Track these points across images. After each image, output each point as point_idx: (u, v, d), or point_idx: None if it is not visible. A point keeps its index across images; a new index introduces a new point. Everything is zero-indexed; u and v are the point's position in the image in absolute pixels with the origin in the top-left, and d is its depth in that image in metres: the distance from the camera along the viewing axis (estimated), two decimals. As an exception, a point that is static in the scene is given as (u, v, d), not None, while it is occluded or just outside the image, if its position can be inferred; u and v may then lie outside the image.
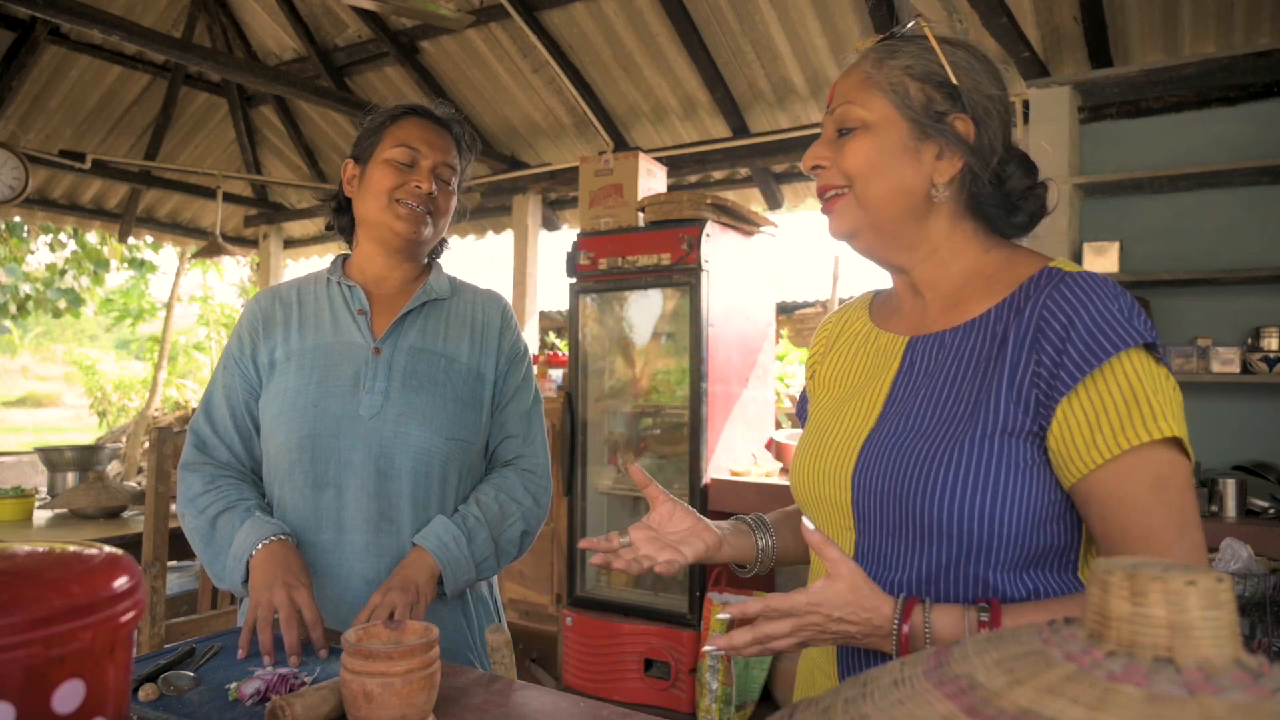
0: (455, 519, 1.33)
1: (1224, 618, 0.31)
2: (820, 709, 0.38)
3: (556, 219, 5.31)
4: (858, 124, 0.91)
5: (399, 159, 1.36)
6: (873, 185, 0.90)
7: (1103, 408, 0.79)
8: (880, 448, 0.90)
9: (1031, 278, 0.87)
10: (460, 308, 1.46)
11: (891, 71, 0.91)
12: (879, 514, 0.89)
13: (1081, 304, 0.81)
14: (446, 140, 1.41)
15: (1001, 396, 0.83)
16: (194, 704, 0.97)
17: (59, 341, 20.17)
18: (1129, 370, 0.79)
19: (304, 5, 4.84)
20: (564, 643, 3.37)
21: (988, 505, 0.82)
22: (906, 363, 0.94)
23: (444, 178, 1.40)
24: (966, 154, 0.89)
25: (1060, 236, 3.08)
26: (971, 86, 0.90)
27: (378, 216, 1.36)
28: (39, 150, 4.95)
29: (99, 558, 0.54)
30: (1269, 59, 2.82)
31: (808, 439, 1.01)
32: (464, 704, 0.99)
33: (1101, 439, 0.78)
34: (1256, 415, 2.96)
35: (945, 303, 0.94)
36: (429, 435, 1.33)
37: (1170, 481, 0.78)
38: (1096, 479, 0.79)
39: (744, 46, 3.97)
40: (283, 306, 1.42)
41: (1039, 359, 0.81)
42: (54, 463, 3.18)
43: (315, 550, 1.30)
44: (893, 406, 0.92)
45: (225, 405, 1.38)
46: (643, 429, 3.56)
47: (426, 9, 3.26)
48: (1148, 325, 0.80)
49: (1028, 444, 0.82)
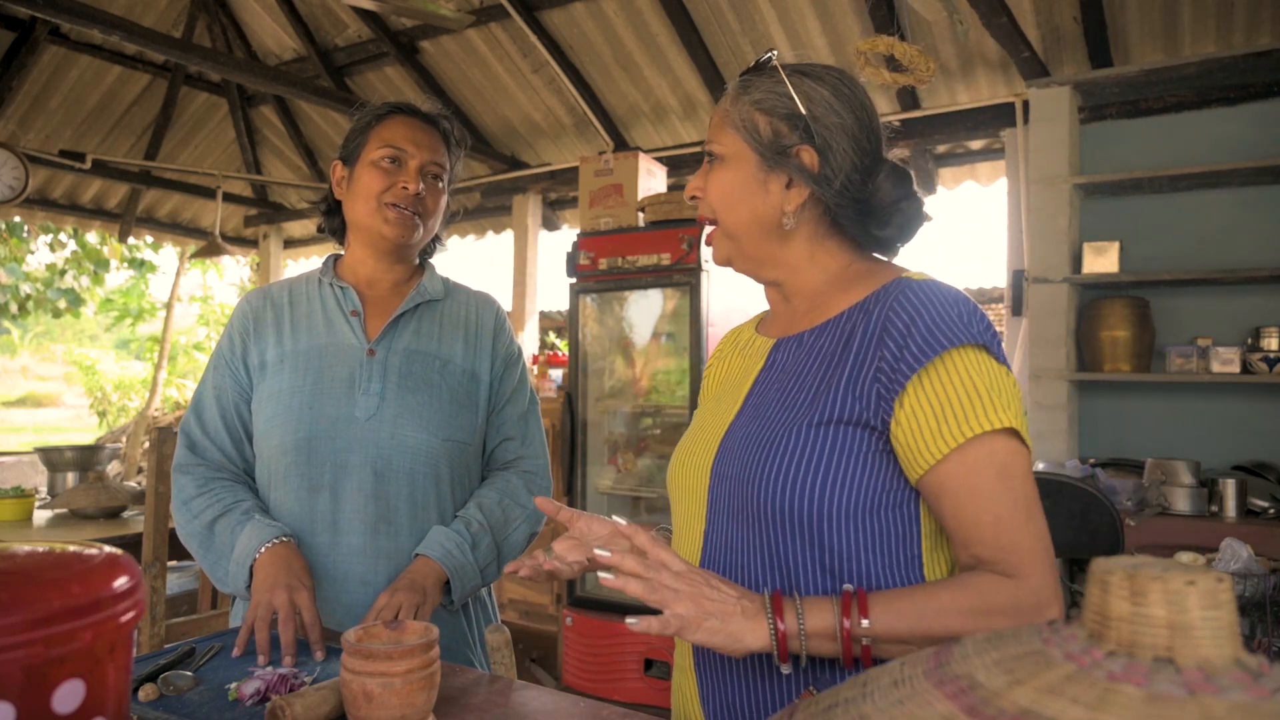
0: (458, 526, 1.32)
1: (1224, 618, 0.31)
2: (821, 709, 0.38)
3: (556, 219, 5.31)
4: (718, 157, 1.00)
5: (385, 160, 1.34)
6: (729, 216, 0.99)
7: (945, 400, 0.83)
8: (732, 439, 0.96)
9: (885, 285, 0.93)
10: (454, 309, 1.45)
11: (743, 107, 0.98)
12: (726, 500, 0.94)
13: (924, 305, 0.87)
14: (433, 138, 1.38)
15: (841, 388, 0.89)
16: (194, 704, 0.97)
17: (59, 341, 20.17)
18: (968, 365, 0.84)
19: (304, 5, 4.84)
20: (564, 643, 3.37)
21: (817, 487, 0.87)
22: (769, 362, 1.01)
23: (433, 175, 1.38)
24: (810, 183, 0.95)
25: (1060, 236, 3.08)
26: (818, 115, 0.95)
27: (367, 220, 1.35)
28: (39, 150, 4.95)
29: (99, 558, 0.54)
30: (1269, 59, 2.83)
31: (684, 437, 1.08)
32: (464, 704, 0.99)
33: (947, 429, 0.83)
34: (1256, 415, 2.96)
35: (808, 304, 1.01)
36: (426, 436, 1.32)
37: (1013, 469, 0.83)
38: (945, 470, 0.83)
39: (744, 46, 3.97)
40: (274, 307, 1.40)
41: (882, 355, 0.87)
42: (54, 463, 3.18)
43: (311, 553, 1.30)
44: (750, 400, 0.99)
45: (215, 406, 1.37)
46: (643, 429, 3.56)
47: (426, 9, 3.26)
48: (987, 328, 0.86)
49: (863, 433, 0.87)
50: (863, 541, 0.87)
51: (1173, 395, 3.08)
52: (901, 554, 0.88)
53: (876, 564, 0.87)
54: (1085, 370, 3.09)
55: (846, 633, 0.79)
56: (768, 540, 0.90)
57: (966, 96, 3.74)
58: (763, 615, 0.80)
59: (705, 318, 3.13)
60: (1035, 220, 3.15)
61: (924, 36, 3.50)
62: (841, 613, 0.80)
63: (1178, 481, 2.64)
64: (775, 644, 0.79)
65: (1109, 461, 3.01)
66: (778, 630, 0.79)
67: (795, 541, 0.88)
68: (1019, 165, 3.45)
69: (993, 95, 3.64)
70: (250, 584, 1.22)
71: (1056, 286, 3.10)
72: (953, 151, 4.05)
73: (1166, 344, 3.03)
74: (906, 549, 0.89)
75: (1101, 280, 3.04)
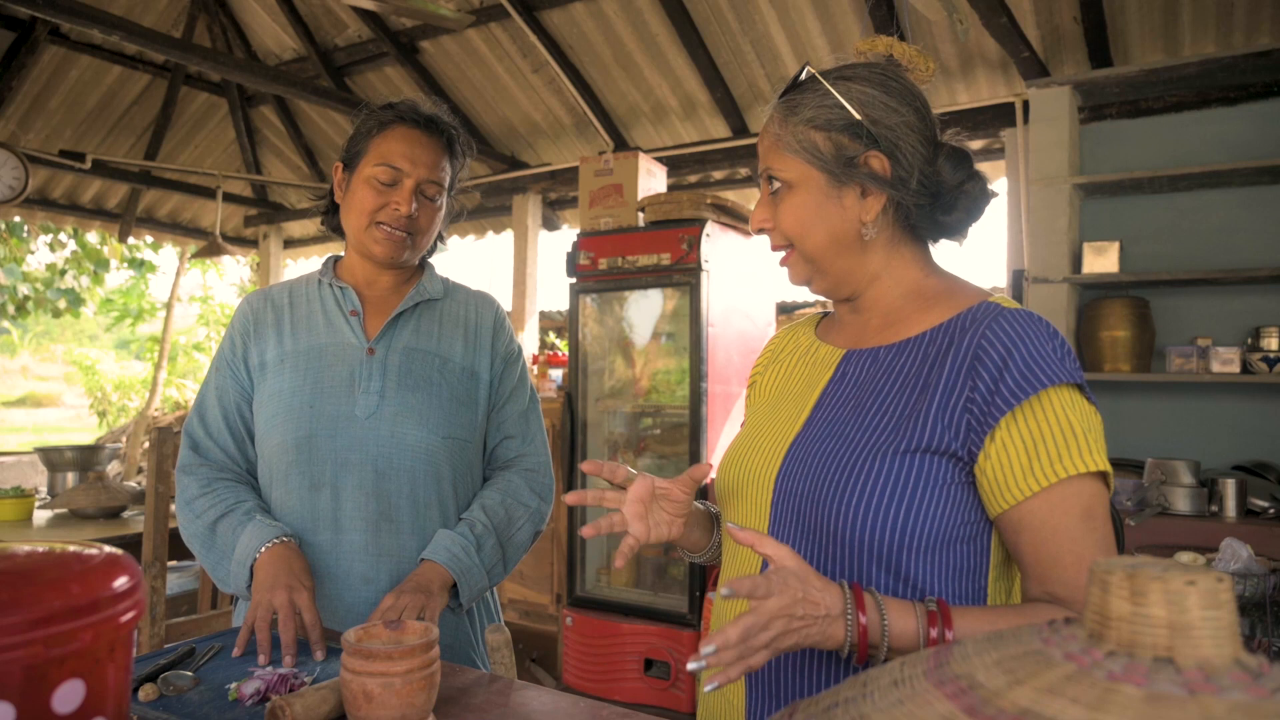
0: (462, 529, 1.32)
1: (1224, 618, 0.31)
2: (821, 708, 0.38)
3: (556, 219, 5.31)
4: (782, 184, 0.96)
5: (381, 179, 1.32)
6: (809, 240, 0.95)
7: (1039, 437, 0.82)
8: (803, 453, 0.93)
9: (972, 309, 0.91)
10: (453, 308, 1.45)
11: (796, 129, 0.95)
12: (795, 517, 0.91)
13: (1020, 338, 0.85)
14: (433, 151, 1.36)
15: (930, 416, 0.86)
16: (194, 704, 0.97)
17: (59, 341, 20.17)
18: (1064, 404, 0.84)
19: (304, 5, 4.84)
20: (564, 643, 3.37)
21: (900, 516, 0.84)
22: (839, 373, 0.98)
23: (428, 195, 1.36)
24: (887, 188, 0.93)
25: (1060, 236, 3.08)
26: (877, 118, 0.92)
27: (357, 236, 1.36)
28: (39, 150, 4.95)
29: (99, 558, 0.54)
30: (1269, 59, 2.82)
31: (739, 440, 1.04)
32: (464, 704, 0.99)
33: (1039, 467, 0.82)
34: (1256, 415, 2.96)
35: (883, 320, 0.98)
36: (426, 434, 1.33)
37: (1096, 512, 0.83)
38: (1030, 507, 0.83)
39: (744, 46, 3.97)
40: (274, 308, 1.41)
41: (974, 385, 0.85)
42: (54, 463, 3.18)
43: (313, 551, 1.30)
44: (820, 413, 0.96)
45: (218, 407, 1.38)
46: (643, 429, 3.56)
47: (426, 9, 3.26)
48: (1078, 367, 0.86)
49: (949, 464, 0.85)
50: (936, 572, 0.86)
51: (1173, 395, 3.08)
52: (971, 585, 0.88)
53: (946, 595, 0.87)
54: (1085, 370, 3.08)
55: (933, 642, 0.78)
56: (839, 563, 0.88)
57: (966, 96, 3.74)
58: (841, 624, 0.78)
59: (705, 318, 3.13)
60: (1035, 220, 3.15)
61: (924, 36, 3.50)
62: (929, 623, 0.79)
63: (1178, 481, 2.64)
64: (854, 640, 0.78)
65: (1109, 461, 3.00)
66: (859, 626, 0.78)
67: (870, 568, 0.86)
68: (1019, 165, 3.45)
69: (993, 95, 3.64)
70: (251, 584, 1.22)
71: (1056, 286, 3.10)
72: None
73: (1166, 344, 3.03)
74: (975, 580, 0.88)
75: (1101, 280, 3.04)
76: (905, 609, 0.80)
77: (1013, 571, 0.92)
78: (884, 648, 0.79)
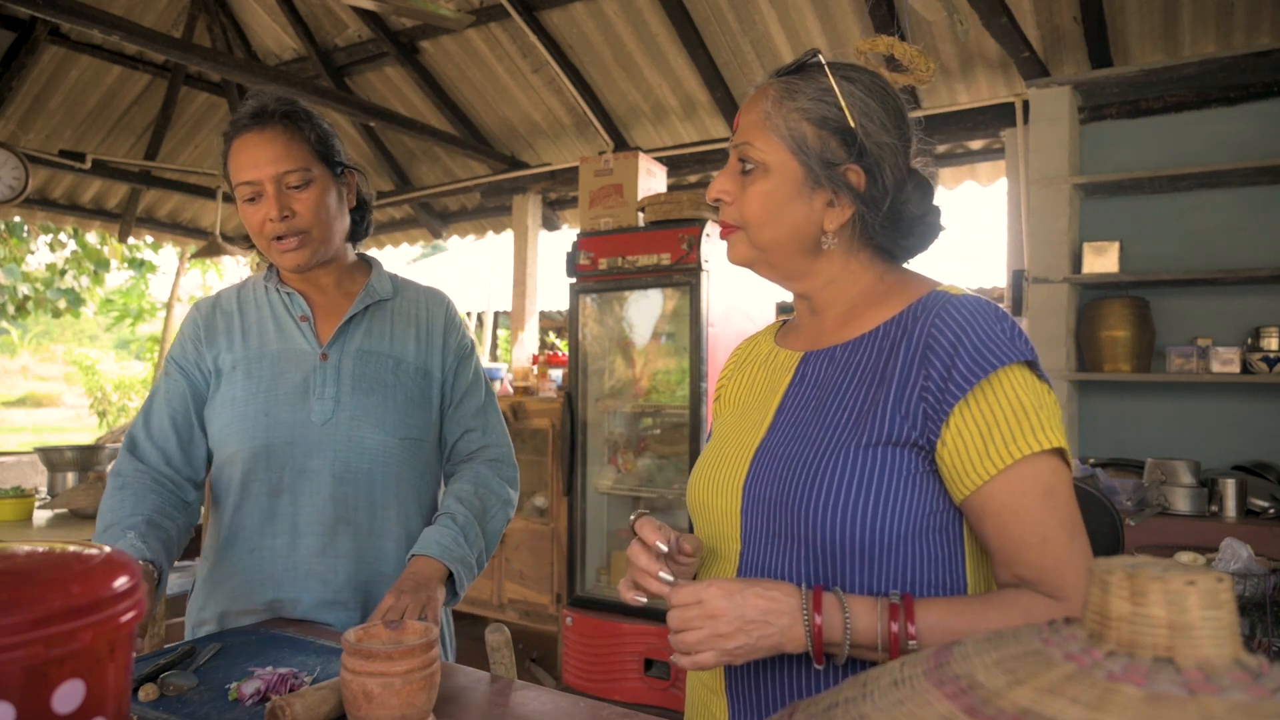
0: (445, 522, 1.32)
1: (1224, 618, 0.31)
2: (821, 708, 0.38)
3: (556, 219, 5.31)
4: (756, 164, 0.93)
5: (245, 197, 1.30)
6: (765, 229, 0.94)
7: (993, 419, 0.82)
8: (769, 458, 0.92)
9: (921, 299, 0.91)
10: (404, 307, 1.45)
11: (789, 114, 0.92)
12: (765, 523, 0.91)
13: (968, 323, 0.85)
14: (272, 141, 1.28)
15: (889, 408, 0.86)
16: (194, 704, 0.97)
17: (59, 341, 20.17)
18: (1015, 384, 0.83)
19: (304, 5, 4.84)
20: (564, 643, 3.37)
21: (869, 511, 0.84)
22: (799, 376, 0.98)
23: (292, 184, 1.29)
24: (857, 203, 0.92)
25: (1060, 236, 3.08)
26: (869, 131, 0.91)
27: (267, 254, 1.35)
28: (39, 150, 4.95)
29: (99, 558, 0.54)
30: (1269, 59, 2.82)
31: (707, 452, 1.04)
32: (464, 704, 0.99)
33: (994, 449, 0.82)
34: (1256, 415, 2.96)
35: (838, 320, 0.98)
36: (383, 437, 1.33)
37: (1057, 491, 0.82)
38: (990, 490, 0.82)
39: (744, 46, 3.97)
40: (223, 315, 1.40)
41: (928, 373, 0.85)
42: (54, 463, 3.18)
43: (270, 554, 1.30)
44: (782, 417, 0.95)
45: (166, 407, 1.36)
46: (643, 429, 3.56)
47: (426, 9, 3.26)
48: (1028, 345, 0.85)
49: (912, 454, 0.85)
50: (911, 563, 0.86)
51: (1173, 395, 3.08)
52: (949, 575, 0.87)
53: (925, 586, 0.86)
54: (1085, 370, 3.09)
55: (894, 637, 0.79)
56: (813, 564, 0.87)
57: (966, 96, 3.74)
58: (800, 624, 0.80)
59: (705, 318, 3.13)
60: (1035, 220, 3.15)
61: (924, 36, 3.50)
62: (889, 617, 0.80)
63: (1178, 481, 2.64)
64: (812, 648, 0.80)
65: (1109, 461, 3.01)
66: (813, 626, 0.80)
67: (844, 565, 0.86)
68: (1019, 165, 3.45)
69: (993, 95, 3.64)
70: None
71: (1056, 286, 3.10)
72: (953, 151, 4.05)
73: (1166, 344, 3.03)
74: (951, 570, 0.88)
75: (1101, 280, 3.04)
76: (867, 605, 0.81)
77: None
78: (845, 646, 0.80)
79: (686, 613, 0.81)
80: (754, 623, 0.79)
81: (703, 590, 0.81)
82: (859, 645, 0.80)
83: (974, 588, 0.89)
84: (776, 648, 0.81)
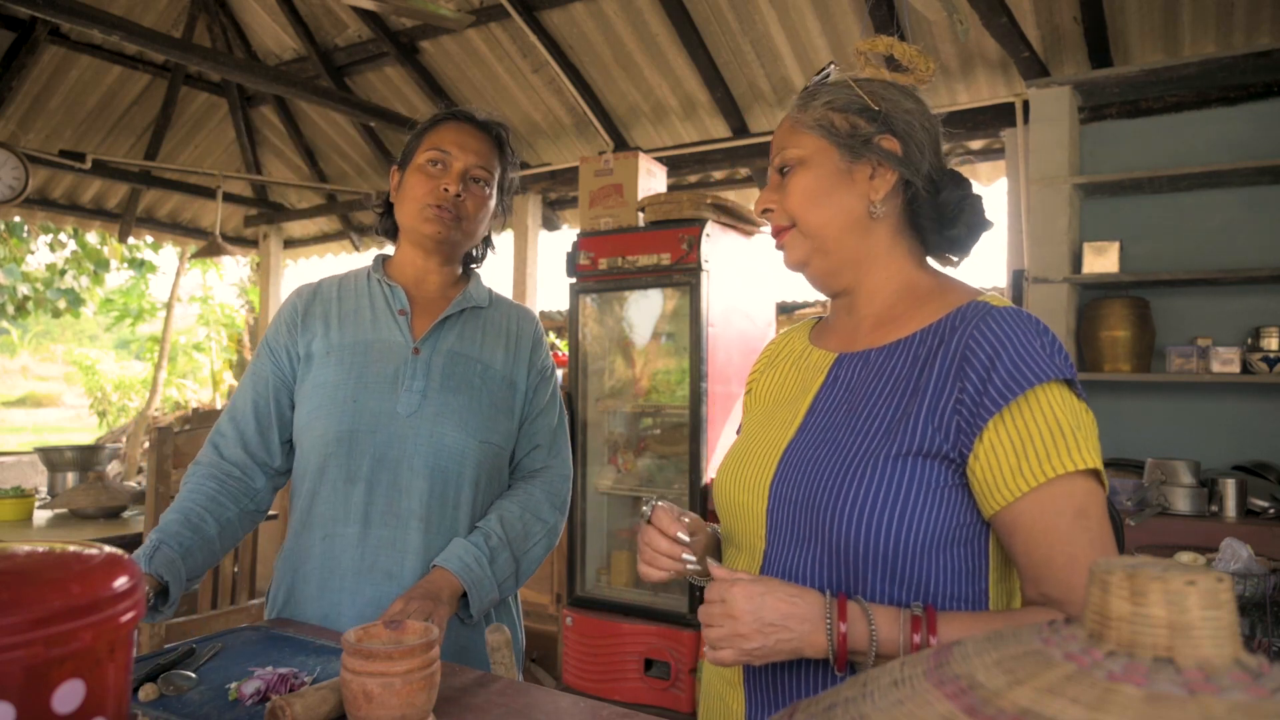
0: (476, 539, 1.32)
1: (1224, 618, 0.31)
2: (821, 708, 0.38)
3: (556, 219, 5.31)
4: (794, 162, 0.97)
5: (430, 164, 1.38)
6: (814, 215, 0.95)
7: (1028, 436, 0.81)
8: (797, 459, 0.93)
9: (960, 309, 0.90)
10: (496, 318, 1.48)
11: (815, 110, 0.97)
12: (790, 524, 0.91)
13: (1007, 337, 0.84)
14: (482, 143, 1.42)
15: (921, 419, 0.86)
16: (194, 704, 0.97)
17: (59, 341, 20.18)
18: (1052, 402, 0.82)
19: (304, 5, 4.84)
20: (564, 643, 3.37)
21: (894, 521, 0.84)
22: (831, 377, 0.98)
23: (476, 178, 1.41)
24: (899, 166, 0.94)
25: (1060, 236, 3.08)
26: (891, 107, 0.96)
27: (410, 221, 1.40)
28: (39, 150, 4.95)
29: (99, 558, 0.54)
30: (1269, 59, 2.82)
31: (735, 448, 1.04)
32: (464, 704, 0.99)
33: (1027, 467, 0.81)
34: (1256, 415, 2.96)
35: (875, 320, 0.98)
36: (463, 437, 1.34)
37: (1090, 511, 0.81)
38: (1021, 508, 0.81)
39: (744, 46, 3.97)
40: (322, 301, 1.44)
41: (963, 386, 0.84)
42: (54, 463, 3.18)
43: (341, 542, 1.31)
44: (813, 419, 0.95)
45: (251, 391, 1.40)
46: (643, 429, 3.56)
47: (426, 9, 3.26)
48: (1067, 362, 0.84)
49: (941, 466, 0.85)
50: (935, 575, 0.86)
51: (1173, 395, 3.08)
52: (971, 588, 0.87)
53: (947, 597, 0.86)
54: (1085, 370, 3.09)
55: (916, 649, 0.79)
56: (838, 569, 0.87)
57: (966, 96, 3.74)
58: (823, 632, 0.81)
59: (705, 318, 3.13)
60: (1035, 220, 3.15)
61: (924, 36, 3.50)
62: (912, 629, 0.80)
63: (1178, 481, 2.64)
64: (835, 655, 0.81)
65: (1109, 461, 3.01)
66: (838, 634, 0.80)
67: (868, 573, 0.86)
68: (1019, 165, 3.45)
69: (993, 95, 3.64)
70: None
71: (1056, 286, 3.10)
72: (953, 151, 4.03)
73: (1166, 344, 3.03)
74: (975, 583, 0.87)
75: (1101, 280, 3.04)
76: (891, 615, 0.81)
77: (1014, 573, 0.92)
78: (871, 654, 0.80)
79: (711, 609, 0.83)
80: (772, 626, 0.80)
81: (728, 589, 0.82)
82: (880, 655, 0.80)
83: (995, 602, 0.89)
84: (795, 652, 0.81)
